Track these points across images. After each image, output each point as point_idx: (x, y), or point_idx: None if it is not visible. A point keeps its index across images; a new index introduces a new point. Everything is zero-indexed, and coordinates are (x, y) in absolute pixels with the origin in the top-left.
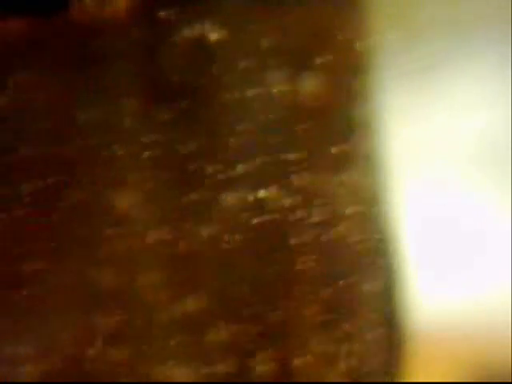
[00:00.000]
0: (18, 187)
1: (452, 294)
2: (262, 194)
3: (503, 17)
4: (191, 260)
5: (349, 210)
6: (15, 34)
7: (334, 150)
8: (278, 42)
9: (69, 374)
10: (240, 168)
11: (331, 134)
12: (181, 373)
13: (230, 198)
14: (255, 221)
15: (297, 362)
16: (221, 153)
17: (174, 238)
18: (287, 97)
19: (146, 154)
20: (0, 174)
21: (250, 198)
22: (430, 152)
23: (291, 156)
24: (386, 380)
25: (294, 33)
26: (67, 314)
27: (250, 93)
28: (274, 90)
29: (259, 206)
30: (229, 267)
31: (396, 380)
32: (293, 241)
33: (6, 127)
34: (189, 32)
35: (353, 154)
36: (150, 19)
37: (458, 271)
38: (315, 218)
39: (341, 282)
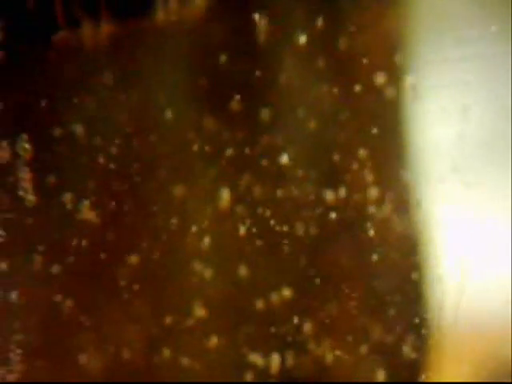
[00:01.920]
0: (110, 184)
1: (485, 294)
2: (333, 191)
3: None
4: (271, 254)
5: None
6: (105, 36)
7: (396, 147)
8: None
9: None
10: (311, 165)
11: (395, 133)
12: (271, 361)
13: (304, 195)
14: (330, 216)
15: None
16: (292, 151)
17: (258, 232)
18: (350, 97)
19: (226, 151)
20: (91, 172)
21: (323, 194)
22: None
23: (360, 154)
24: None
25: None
26: (165, 303)
27: (317, 93)
28: (339, 91)
29: (331, 203)
30: (306, 261)
31: (426, 377)
32: (364, 236)
33: (94, 125)
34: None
35: (409, 151)
36: (228, 19)
37: (492, 271)
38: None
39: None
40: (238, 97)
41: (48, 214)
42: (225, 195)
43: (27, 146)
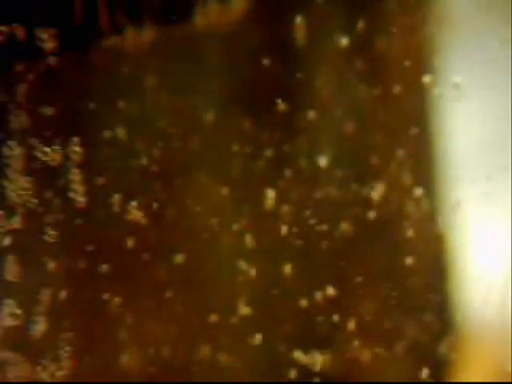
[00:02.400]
0: (154, 186)
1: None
2: (371, 191)
3: None
4: (311, 253)
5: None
6: (147, 41)
7: (437, 148)
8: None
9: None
10: (350, 166)
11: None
12: (314, 359)
13: (343, 195)
14: (368, 216)
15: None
16: (330, 152)
17: (298, 232)
18: (389, 99)
19: (265, 152)
20: (137, 174)
21: (361, 194)
22: None
23: (398, 154)
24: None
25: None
26: (209, 301)
27: (356, 95)
28: (378, 92)
29: (369, 202)
30: (346, 260)
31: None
32: (402, 235)
33: (138, 128)
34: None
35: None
36: (267, 22)
37: None
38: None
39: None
40: (277, 99)
41: (96, 215)
42: (266, 196)
43: (78, 148)
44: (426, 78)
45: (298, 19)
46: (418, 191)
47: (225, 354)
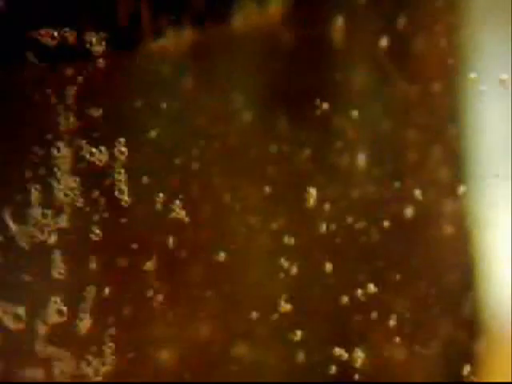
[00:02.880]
0: (194, 184)
1: None
2: (408, 189)
3: None
4: (349, 251)
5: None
6: (186, 43)
7: (469, 145)
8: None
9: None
10: (387, 164)
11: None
12: (354, 356)
13: (379, 192)
14: (405, 213)
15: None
16: (366, 150)
17: (338, 230)
18: (425, 98)
19: (303, 152)
20: (178, 174)
21: (399, 192)
22: None
23: (436, 152)
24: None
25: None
26: (250, 299)
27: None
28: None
29: (407, 200)
30: (382, 257)
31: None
32: (436, 234)
33: (178, 128)
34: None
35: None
36: (304, 23)
37: None
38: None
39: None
40: (315, 99)
41: (140, 214)
42: (305, 194)
43: (123, 149)
44: (470, 76)
45: (337, 19)
46: (457, 189)
47: (265, 351)
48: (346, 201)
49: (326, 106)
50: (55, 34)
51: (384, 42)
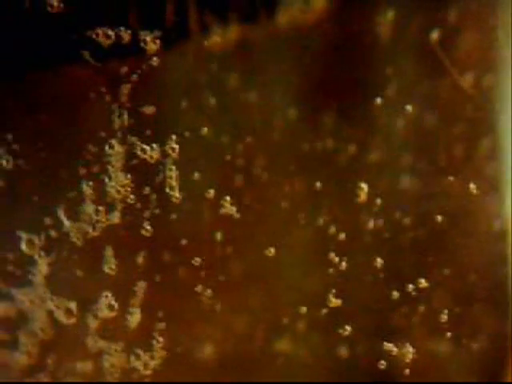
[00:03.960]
0: (243, 180)
1: None
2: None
3: None
4: (398, 246)
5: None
6: (231, 40)
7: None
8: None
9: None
10: (430, 159)
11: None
12: (403, 351)
13: (426, 187)
14: (451, 208)
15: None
16: (411, 145)
17: (386, 225)
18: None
19: (348, 147)
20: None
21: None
22: None
23: (479, 147)
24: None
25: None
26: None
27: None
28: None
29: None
30: (431, 252)
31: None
32: (482, 228)
33: (224, 126)
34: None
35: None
36: (348, 21)
37: None
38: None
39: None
40: (359, 95)
41: (191, 210)
42: (354, 189)
43: (175, 146)
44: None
45: (382, 15)
46: (500, 183)
47: (314, 346)
48: (394, 195)
49: (370, 101)
50: (110, 32)
51: (432, 36)
